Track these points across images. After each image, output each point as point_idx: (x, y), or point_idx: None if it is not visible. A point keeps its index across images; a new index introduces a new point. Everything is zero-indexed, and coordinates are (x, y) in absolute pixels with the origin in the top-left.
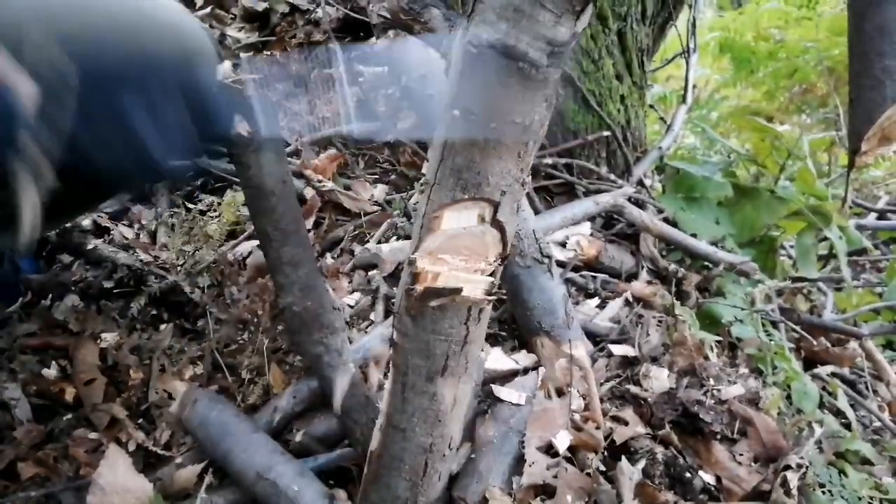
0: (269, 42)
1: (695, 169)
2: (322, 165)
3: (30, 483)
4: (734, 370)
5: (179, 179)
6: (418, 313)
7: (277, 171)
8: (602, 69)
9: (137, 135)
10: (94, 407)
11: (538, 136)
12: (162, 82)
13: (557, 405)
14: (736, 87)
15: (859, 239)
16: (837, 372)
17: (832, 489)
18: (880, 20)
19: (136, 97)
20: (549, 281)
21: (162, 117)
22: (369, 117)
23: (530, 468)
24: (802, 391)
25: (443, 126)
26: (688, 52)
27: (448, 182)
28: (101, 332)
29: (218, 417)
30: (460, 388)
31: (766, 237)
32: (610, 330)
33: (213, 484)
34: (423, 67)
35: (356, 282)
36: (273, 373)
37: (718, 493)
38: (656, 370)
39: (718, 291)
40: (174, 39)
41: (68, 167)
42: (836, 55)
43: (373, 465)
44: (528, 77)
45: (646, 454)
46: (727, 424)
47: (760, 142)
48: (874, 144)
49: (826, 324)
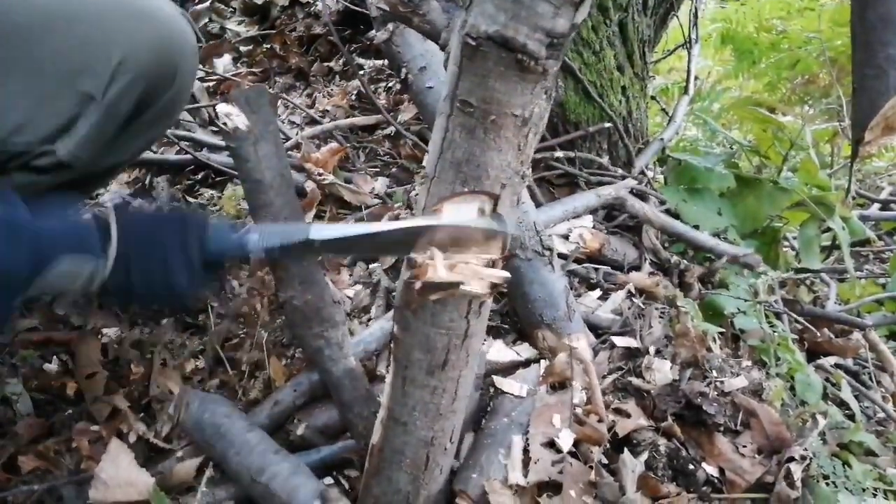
0: (268, 35)
1: (697, 160)
2: (323, 159)
3: (31, 476)
4: (737, 362)
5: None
6: (419, 307)
7: (275, 164)
8: (603, 60)
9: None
10: (96, 399)
11: (538, 128)
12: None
13: (559, 399)
14: (738, 78)
15: (862, 229)
16: (841, 363)
17: (836, 481)
18: (883, 10)
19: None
20: (551, 273)
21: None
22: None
23: (535, 465)
24: (806, 382)
25: (442, 119)
26: (689, 43)
27: (448, 175)
28: (102, 327)
29: (210, 419)
30: (461, 381)
31: (769, 228)
32: (612, 322)
33: (214, 477)
34: (422, 60)
35: (356, 275)
36: (274, 366)
37: (721, 485)
38: (659, 362)
39: (721, 283)
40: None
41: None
42: (838, 45)
43: (374, 458)
44: (527, 69)
45: (649, 446)
46: (730, 416)
47: (763, 133)
48: (877, 134)
49: (829, 315)
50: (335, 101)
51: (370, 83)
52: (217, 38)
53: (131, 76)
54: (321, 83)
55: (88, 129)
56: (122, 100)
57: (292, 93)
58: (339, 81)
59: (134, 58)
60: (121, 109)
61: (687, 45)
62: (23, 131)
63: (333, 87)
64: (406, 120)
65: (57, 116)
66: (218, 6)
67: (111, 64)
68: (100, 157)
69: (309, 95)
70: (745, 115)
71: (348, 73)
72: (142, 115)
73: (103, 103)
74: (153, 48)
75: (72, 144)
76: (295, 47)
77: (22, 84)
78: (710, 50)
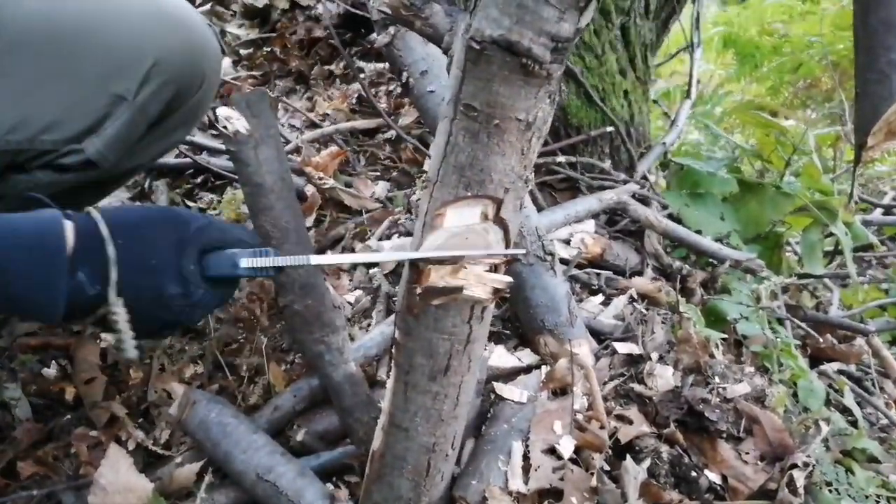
0: (269, 38)
1: (699, 165)
2: (323, 163)
3: (30, 482)
4: (740, 368)
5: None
6: (420, 312)
7: (276, 168)
8: (605, 64)
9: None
10: (94, 405)
11: (542, 132)
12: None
13: (560, 405)
14: (740, 82)
15: (865, 235)
16: (844, 369)
17: (839, 487)
18: (886, 14)
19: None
20: (552, 279)
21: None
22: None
23: (536, 472)
24: (809, 389)
25: (445, 122)
26: (692, 47)
27: (451, 179)
28: (101, 332)
29: (217, 419)
30: (463, 386)
31: (772, 233)
32: (614, 327)
33: (213, 483)
34: (423, 63)
35: (357, 280)
36: (273, 372)
37: (724, 492)
38: (661, 368)
39: (723, 288)
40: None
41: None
42: (840, 49)
43: (375, 464)
44: (532, 73)
45: (651, 453)
46: (733, 423)
47: (765, 137)
48: (880, 139)
49: (832, 320)
50: (336, 105)
51: (371, 87)
52: None
53: (163, 79)
54: (321, 87)
55: (118, 129)
56: (153, 102)
57: (292, 96)
58: (340, 85)
59: (166, 62)
60: (150, 111)
61: (689, 49)
62: (52, 130)
63: (334, 91)
64: (407, 124)
65: (87, 116)
66: (218, 9)
67: (144, 66)
68: (124, 158)
69: (309, 99)
70: (747, 119)
71: (349, 77)
72: (167, 119)
73: (134, 104)
74: (184, 53)
75: (100, 144)
76: (295, 50)
77: (56, 86)
78: (713, 54)
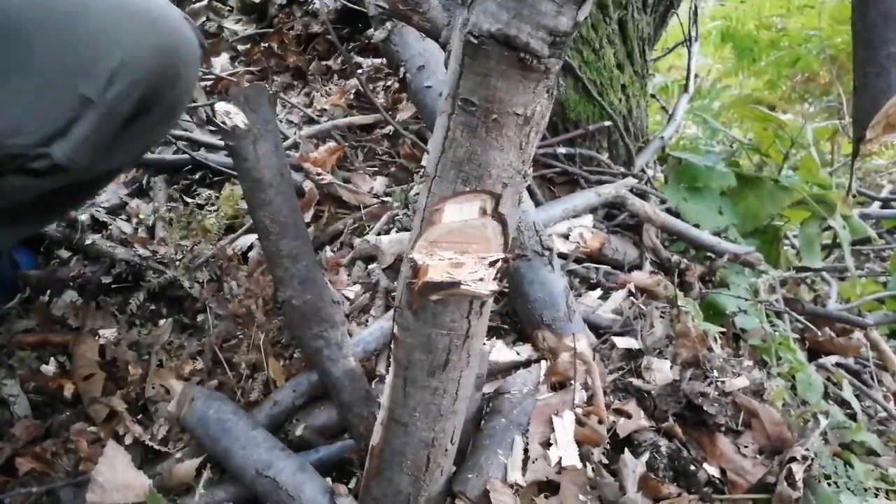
0: (266, 34)
1: (697, 159)
2: (321, 158)
3: (28, 478)
4: (738, 361)
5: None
6: (419, 307)
7: (275, 163)
8: (603, 58)
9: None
10: (93, 401)
11: (540, 126)
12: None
13: (560, 399)
14: (738, 76)
15: (863, 228)
16: (842, 362)
17: (838, 481)
18: (885, 7)
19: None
20: (550, 273)
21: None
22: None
23: (534, 465)
24: (807, 382)
25: (443, 117)
26: (689, 41)
27: (449, 174)
28: (99, 328)
29: (216, 415)
30: (462, 381)
31: (770, 227)
32: (613, 322)
33: (212, 479)
34: (420, 59)
35: (355, 274)
36: (273, 367)
37: (723, 486)
38: (659, 362)
39: (722, 282)
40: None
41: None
42: (838, 43)
43: (374, 459)
44: (530, 67)
45: (649, 447)
46: (731, 416)
47: (763, 131)
48: (879, 132)
49: (830, 314)
50: (333, 100)
51: (368, 82)
52: (214, 37)
53: (131, 78)
54: (319, 82)
55: (86, 132)
56: (122, 102)
57: (290, 92)
58: (338, 80)
59: (134, 59)
60: (119, 112)
61: (687, 43)
62: (19, 133)
63: (331, 86)
64: (404, 119)
65: (54, 118)
66: (215, 5)
67: (110, 65)
68: (98, 160)
69: (307, 94)
70: (745, 113)
71: (346, 72)
72: (142, 118)
73: (101, 106)
74: (155, 50)
75: (68, 148)
76: (293, 46)
77: (17, 85)
78: (710, 48)
